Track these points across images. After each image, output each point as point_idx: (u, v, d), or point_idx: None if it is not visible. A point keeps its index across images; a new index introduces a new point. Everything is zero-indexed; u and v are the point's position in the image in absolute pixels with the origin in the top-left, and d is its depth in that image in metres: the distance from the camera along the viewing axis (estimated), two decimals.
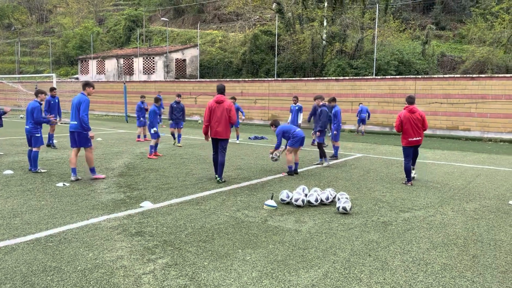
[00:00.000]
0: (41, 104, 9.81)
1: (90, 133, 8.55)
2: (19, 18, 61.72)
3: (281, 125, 9.95)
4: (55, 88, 14.06)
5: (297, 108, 14.54)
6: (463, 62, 27.93)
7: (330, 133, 12.64)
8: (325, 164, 11.01)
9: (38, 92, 10.04)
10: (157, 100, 12.40)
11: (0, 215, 6.12)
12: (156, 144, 12.04)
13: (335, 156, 12.42)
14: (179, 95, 14.72)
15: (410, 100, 8.88)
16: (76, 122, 8.48)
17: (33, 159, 9.42)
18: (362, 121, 20.90)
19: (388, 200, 7.54)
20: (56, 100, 13.72)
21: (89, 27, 46.69)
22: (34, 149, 9.43)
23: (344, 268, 4.53)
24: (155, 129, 11.81)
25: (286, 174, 9.76)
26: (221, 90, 8.72)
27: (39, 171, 9.45)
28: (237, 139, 16.05)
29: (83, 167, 9.65)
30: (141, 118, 15.76)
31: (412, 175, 9.21)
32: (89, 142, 8.63)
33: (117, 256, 4.70)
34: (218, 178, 8.73)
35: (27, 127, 9.51)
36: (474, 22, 29.82)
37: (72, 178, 8.60)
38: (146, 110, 15.58)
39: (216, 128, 8.60)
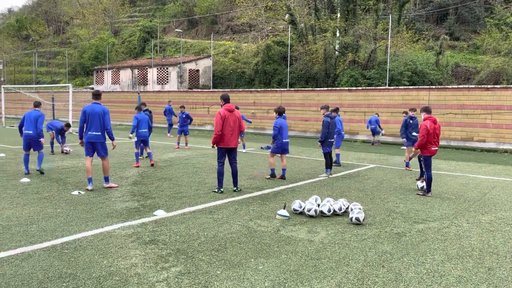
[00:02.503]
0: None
1: (113, 143, 9.06)
2: (37, 29, 63.19)
3: (282, 120, 10.43)
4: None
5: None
6: (478, 72, 27.68)
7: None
8: (324, 175, 10.95)
9: (38, 104, 10.83)
10: (140, 108, 12.53)
11: (17, 222, 6.24)
12: (137, 153, 12.21)
13: (337, 163, 12.61)
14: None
15: (431, 110, 9.19)
16: (99, 133, 8.60)
17: (39, 160, 10.42)
18: (372, 131, 20.78)
19: (401, 211, 7.48)
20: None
21: (104, 38, 47.55)
22: (41, 152, 10.43)
23: (357, 279, 4.50)
24: (130, 135, 12.35)
25: (269, 176, 10.36)
26: (228, 99, 8.67)
27: (43, 170, 10.45)
28: (244, 148, 16.13)
29: (97, 175, 9.77)
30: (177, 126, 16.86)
31: (421, 185, 9.18)
32: (107, 151, 8.90)
33: (131, 264, 4.75)
34: (234, 188, 8.79)
35: (30, 132, 10.16)
36: (488, 32, 29.60)
37: (89, 187, 8.64)
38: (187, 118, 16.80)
39: (230, 137, 8.51)
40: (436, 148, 8.99)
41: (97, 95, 8.87)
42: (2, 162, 12.21)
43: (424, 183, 9.12)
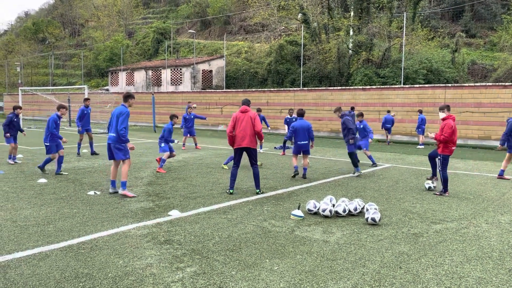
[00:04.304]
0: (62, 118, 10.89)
1: (129, 145, 8.23)
2: (53, 32, 64.24)
3: (298, 122, 10.50)
4: (88, 99, 14.70)
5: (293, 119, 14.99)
6: (495, 70, 27.20)
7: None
8: (356, 173, 10.99)
9: (57, 107, 10.95)
10: (173, 117, 12.17)
11: (34, 222, 6.32)
12: (163, 160, 11.56)
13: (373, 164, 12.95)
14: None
15: (450, 109, 9.03)
16: (114, 134, 8.18)
17: (44, 161, 10.81)
18: (388, 130, 20.55)
19: (418, 211, 7.37)
20: (89, 110, 14.34)
21: (119, 40, 48.07)
22: (48, 157, 10.84)
23: (374, 280, 4.44)
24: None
25: (293, 174, 10.45)
26: (247, 103, 8.75)
27: (45, 172, 10.71)
28: (261, 148, 16.13)
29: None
30: (183, 128, 16.82)
31: (434, 185, 9.10)
32: (127, 154, 8.27)
33: (146, 264, 4.77)
34: (257, 190, 8.63)
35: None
36: (505, 29, 29.08)
37: (110, 190, 8.43)
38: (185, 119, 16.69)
39: (241, 138, 8.48)
40: (455, 147, 8.87)
41: (123, 97, 8.49)
42: (20, 163, 12.40)
43: (433, 184, 9.13)
